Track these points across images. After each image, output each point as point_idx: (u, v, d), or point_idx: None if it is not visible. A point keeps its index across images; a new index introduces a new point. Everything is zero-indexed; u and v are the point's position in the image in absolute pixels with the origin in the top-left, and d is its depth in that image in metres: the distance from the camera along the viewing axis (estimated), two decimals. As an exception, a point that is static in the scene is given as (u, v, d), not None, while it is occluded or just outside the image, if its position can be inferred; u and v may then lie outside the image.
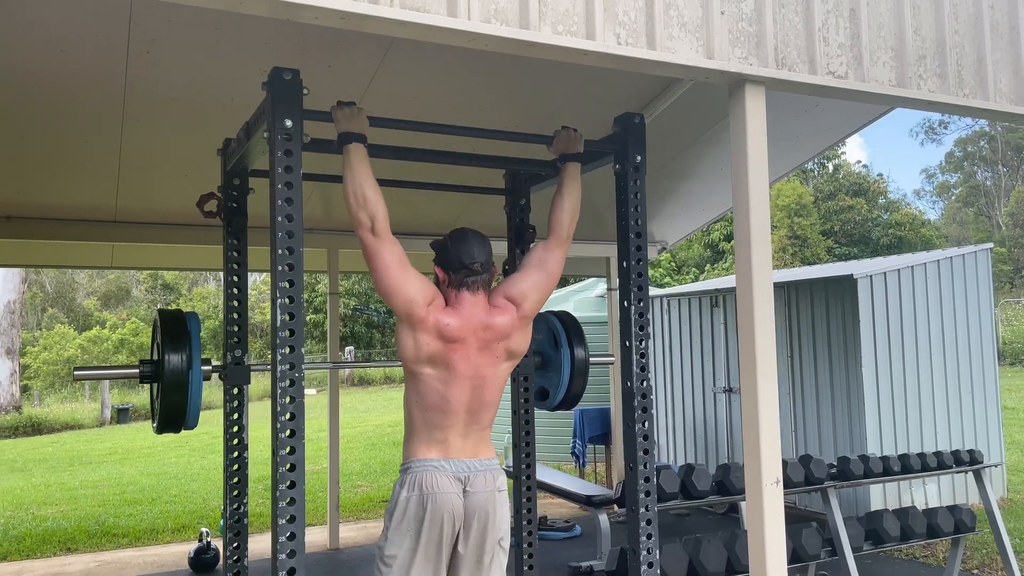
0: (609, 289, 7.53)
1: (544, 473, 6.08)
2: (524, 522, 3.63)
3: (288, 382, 2.39)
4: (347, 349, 25.26)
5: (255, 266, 4.36)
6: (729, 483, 4.20)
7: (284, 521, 2.35)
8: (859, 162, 32.20)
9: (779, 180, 7.29)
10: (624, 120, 2.98)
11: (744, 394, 2.58)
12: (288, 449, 2.39)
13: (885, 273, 6.60)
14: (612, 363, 4.11)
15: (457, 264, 2.63)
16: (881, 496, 6.36)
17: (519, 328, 2.69)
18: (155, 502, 8.42)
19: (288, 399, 2.39)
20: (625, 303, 2.97)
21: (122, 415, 18.57)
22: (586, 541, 6.43)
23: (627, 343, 2.95)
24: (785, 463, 4.26)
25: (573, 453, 7.83)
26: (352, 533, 6.84)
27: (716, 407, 7.74)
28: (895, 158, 54.80)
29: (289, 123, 2.43)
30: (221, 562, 5.64)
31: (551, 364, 3.63)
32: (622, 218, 2.97)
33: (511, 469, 6.43)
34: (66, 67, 3.78)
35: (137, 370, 3.04)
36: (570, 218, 2.89)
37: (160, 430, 3.05)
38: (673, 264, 25.78)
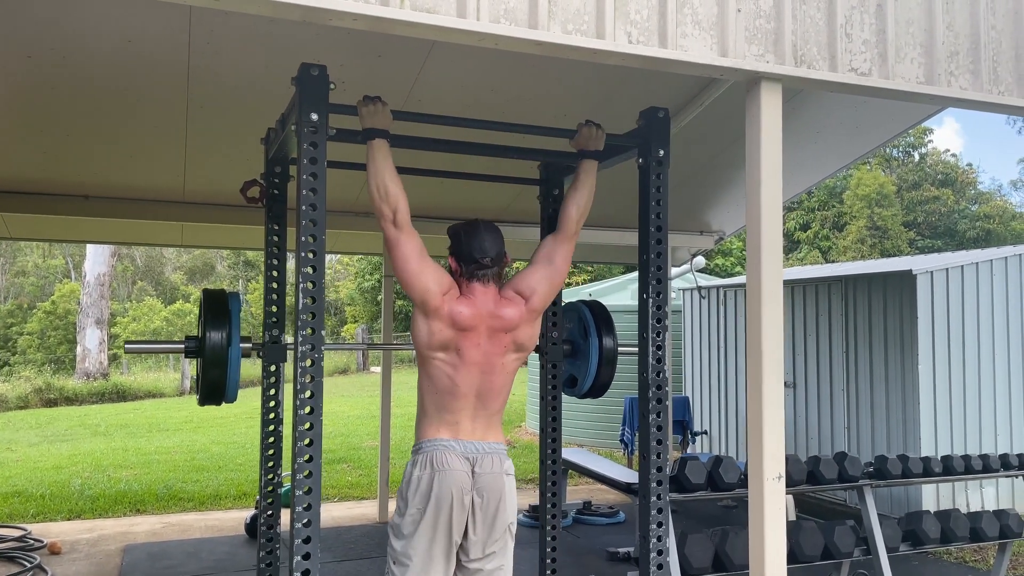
0: (663, 278, 7.49)
1: (587, 459, 6.16)
2: (548, 505, 3.72)
3: (309, 361, 2.54)
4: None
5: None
6: (762, 477, 4.21)
7: (302, 492, 2.50)
8: (947, 151, 30.84)
9: (838, 172, 7.12)
10: (648, 114, 3.01)
11: (749, 388, 2.61)
12: (307, 425, 2.53)
13: (947, 269, 6.40)
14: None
15: (468, 257, 2.74)
16: (934, 497, 6.21)
17: (527, 321, 2.77)
18: (221, 469, 8.83)
19: (308, 377, 2.54)
20: (644, 295, 3.01)
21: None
22: (628, 528, 6.49)
23: (644, 335, 2.99)
24: (818, 459, 4.24)
25: (622, 440, 7.87)
26: (401, 508, 7.04)
27: (769, 400, 7.64)
28: (992, 146, 52.20)
29: (315, 116, 2.56)
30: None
31: (580, 352, 3.70)
32: (643, 211, 3.01)
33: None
34: (134, 57, 4.00)
35: (183, 346, 3.24)
36: (579, 214, 2.96)
37: (202, 402, 3.25)
38: (746, 254, 25.30)
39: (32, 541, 5.84)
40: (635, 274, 11.25)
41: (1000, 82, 2.85)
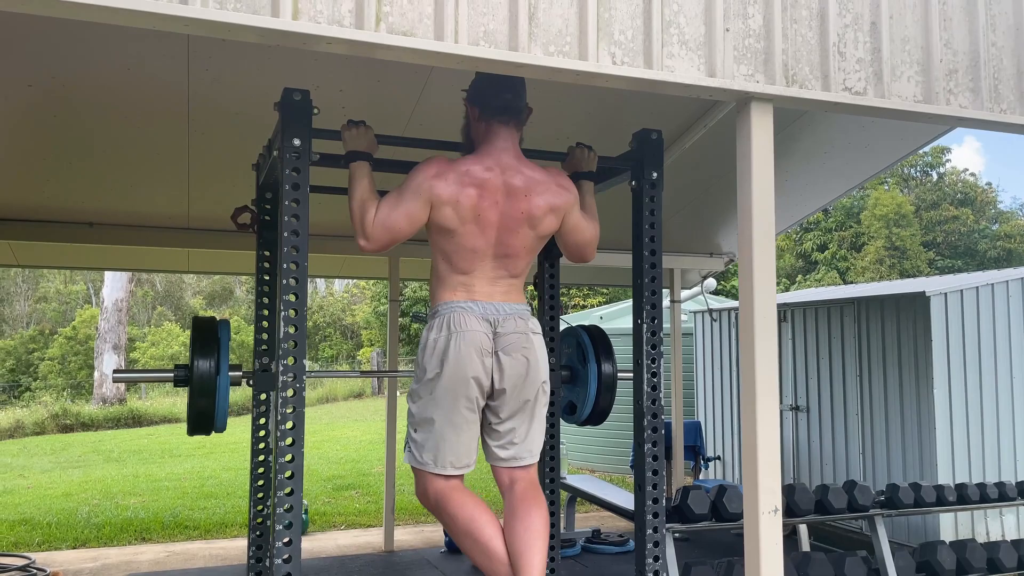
0: (672, 301, 7.41)
1: (595, 486, 6.05)
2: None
3: (290, 391, 2.48)
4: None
5: (311, 271, 4.48)
6: (769, 506, 4.09)
7: (282, 527, 2.43)
8: (966, 170, 30.52)
9: (849, 193, 7.02)
10: (641, 136, 2.96)
11: (744, 419, 2.52)
12: (288, 457, 2.47)
13: (961, 291, 6.27)
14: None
15: (488, 95, 2.62)
16: (952, 525, 6.04)
17: (550, 194, 2.61)
18: (230, 496, 8.78)
19: (290, 408, 2.48)
20: (639, 320, 2.94)
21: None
22: (638, 557, 6.34)
23: (639, 360, 2.92)
24: (827, 488, 4.12)
25: (632, 467, 7.73)
26: (408, 536, 6.96)
27: (782, 425, 7.51)
28: (1014, 165, 51.64)
29: (297, 142, 2.53)
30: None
31: (579, 378, 3.62)
32: (637, 234, 2.95)
33: (564, 479, 6.44)
34: (134, 84, 4.00)
35: (172, 374, 3.20)
36: (593, 231, 2.86)
37: (191, 432, 3.20)
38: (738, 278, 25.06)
39: (35, 571, 5.80)
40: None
41: (1002, 100, 2.77)
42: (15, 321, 32.23)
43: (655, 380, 2.91)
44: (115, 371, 3.25)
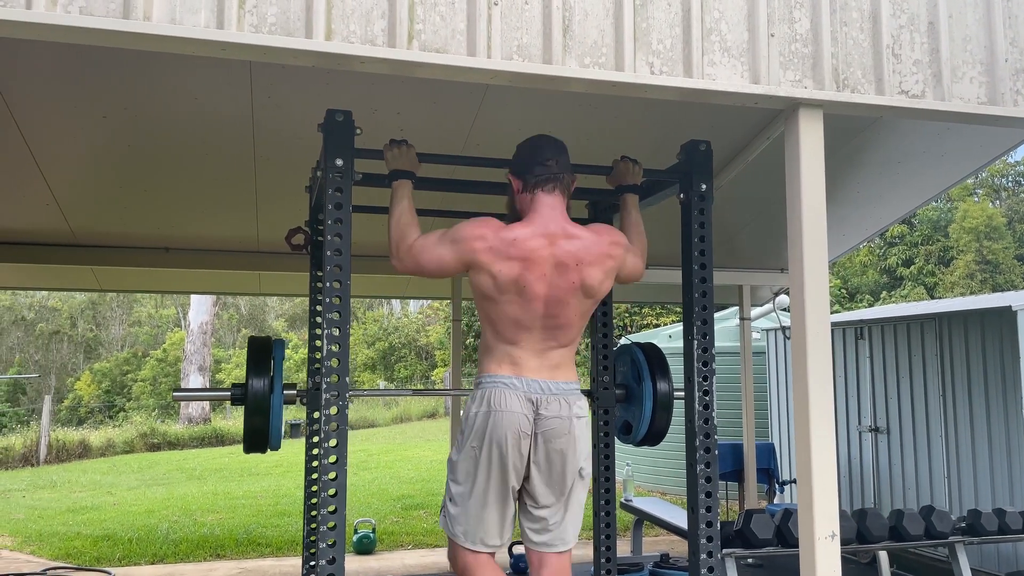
0: (742, 319, 7.22)
1: (661, 508, 5.91)
2: (603, 560, 3.55)
3: (334, 409, 2.50)
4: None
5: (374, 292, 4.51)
6: (841, 530, 3.90)
7: (325, 545, 2.44)
8: (1066, 179, 28.98)
9: (925, 204, 6.70)
10: (689, 148, 2.89)
11: (797, 442, 2.41)
12: (332, 475, 2.48)
13: (1052, 305, 5.90)
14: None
15: (530, 163, 2.56)
16: (1049, 555, 5.65)
17: (601, 262, 2.54)
18: (302, 514, 8.91)
19: (333, 425, 2.49)
20: (689, 337, 2.86)
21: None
22: (708, 582, 6.15)
23: (690, 378, 2.83)
24: (901, 513, 3.91)
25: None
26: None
27: (862, 447, 7.20)
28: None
29: (340, 162, 2.56)
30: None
31: (634, 397, 3.55)
32: (686, 249, 2.88)
33: (630, 502, 6.31)
34: (201, 114, 4.14)
35: (229, 393, 3.27)
36: (641, 244, 2.83)
37: (247, 449, 3.26)
38: (845, 292, 24.29)
39: (114, 584, 6.01)
40: (719, 314, 10.92)
41: (1076, 99, 2.60)
42: (111, 344, 33.72)
43: (707, 399, 2.82)
44: (175, 390, 3.35)
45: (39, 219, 5.28)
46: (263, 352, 3.20)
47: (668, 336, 10.58)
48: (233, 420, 22.47)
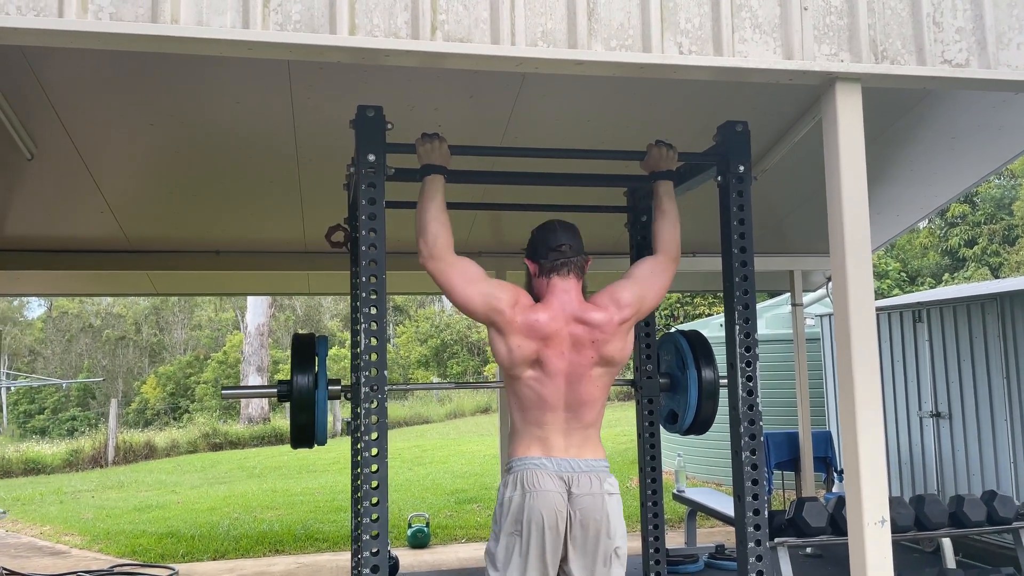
0: (793, 304, 7.08)
1: (714, 499, 5.83)
2: (651, 550, 3.51)
3: (373, 402, 2.51)
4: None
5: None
6: (897, 517, 3.79)
7: (368, 537, 2.46)
8: None
9: (982, 181, 6.45)
10: (726, 129, 2.84)
11: (843, 425, 2.35)
12: (373, 467, 2.50)
13: (1123, 281, 5.65)
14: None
15: (544, 249, 2.62)
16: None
17: (616, 333, 2.58)
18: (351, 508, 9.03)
19: (373, 418, 2.51)
20: (730, 322, 2.81)
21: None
22: (765, 573, 6.05)
23: (733, 365, 2.78)
24: (962, 499, 3.78)
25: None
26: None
27: (923, 433, 6.99)
28: None
29: (372, 157, 2.57)
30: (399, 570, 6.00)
31: (679, 386, 3.50)
32: (725, 233, 2.82)
33: (682, 492, 6.24)
34: (242, 116, 4.21)
35: (276, 390, 3.32)
36: (673, 235, 2.80)
37: (295, 445, 3.31)
38: (904, 275, 23.62)
39: (178, 581, 6.17)
40: (771, 301, 10.72)
41: None
42: (174, 348, 34.65)
43: (751, 385, 2.76)
44: (223, 388, 3.41)
45: (95, 227, 5.43)
46: (307, 349, 3.24)
47: (719, 325, 10.42)
48: (292, 419, 22.86)
